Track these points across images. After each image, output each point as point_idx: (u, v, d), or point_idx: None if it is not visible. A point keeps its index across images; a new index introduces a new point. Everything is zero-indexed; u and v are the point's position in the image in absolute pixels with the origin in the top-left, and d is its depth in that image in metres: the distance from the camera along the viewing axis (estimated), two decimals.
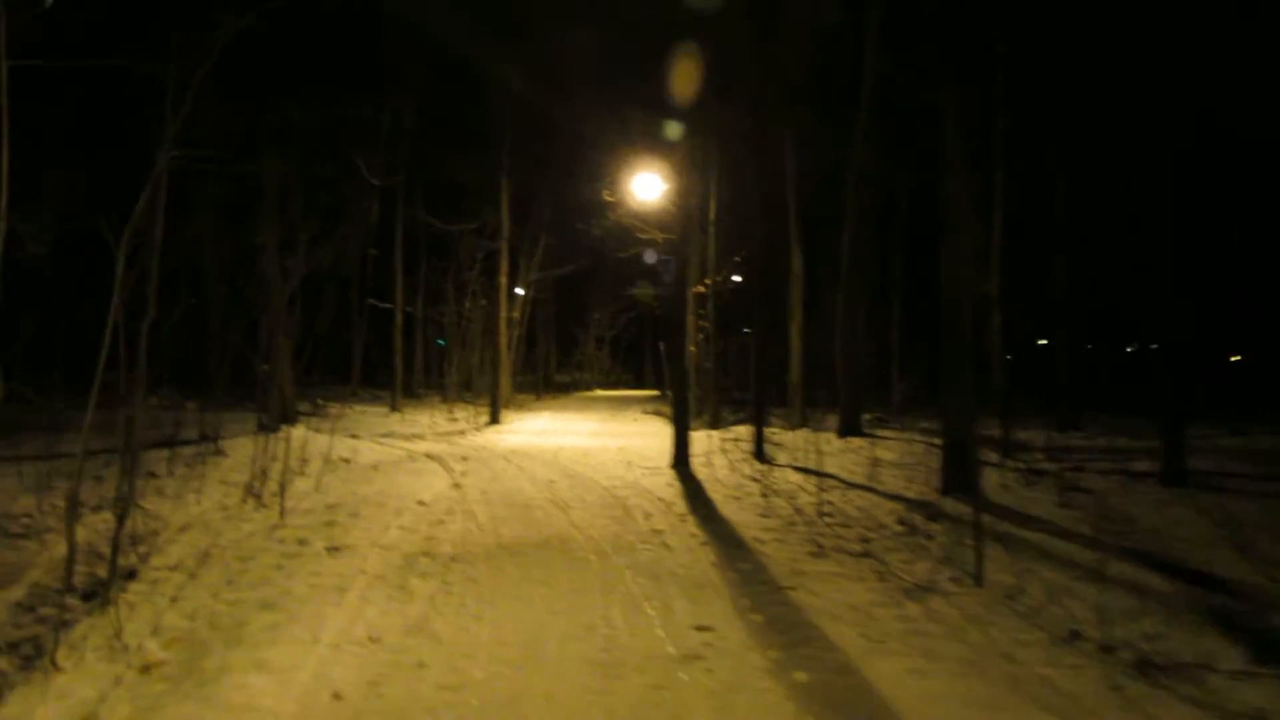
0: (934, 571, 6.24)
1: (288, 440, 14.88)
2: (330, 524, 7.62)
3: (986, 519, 7.86)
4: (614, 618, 4.91)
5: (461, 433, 17.77)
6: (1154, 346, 14.25)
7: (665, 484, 10.02)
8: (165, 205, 6.73)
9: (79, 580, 6.23)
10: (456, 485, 9.94)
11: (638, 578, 5.73)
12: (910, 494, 9.43)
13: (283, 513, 8.00)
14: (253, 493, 9.73)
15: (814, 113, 20.87)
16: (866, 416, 18.07)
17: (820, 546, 6.82)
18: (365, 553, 6.46)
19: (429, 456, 12.88)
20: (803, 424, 23.28)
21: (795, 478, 10.72)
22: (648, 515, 8.01)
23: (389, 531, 7.22)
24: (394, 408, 22.49)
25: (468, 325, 22.70)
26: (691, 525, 7.56)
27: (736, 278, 24.90)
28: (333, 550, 6.58)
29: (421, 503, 8.62)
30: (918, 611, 5.26)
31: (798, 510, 8.50)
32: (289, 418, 16.04)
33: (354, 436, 16.82)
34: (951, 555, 6.77)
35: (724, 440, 15.22)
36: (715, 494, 9.34)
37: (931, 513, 8.31)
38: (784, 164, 21.74)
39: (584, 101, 19.10)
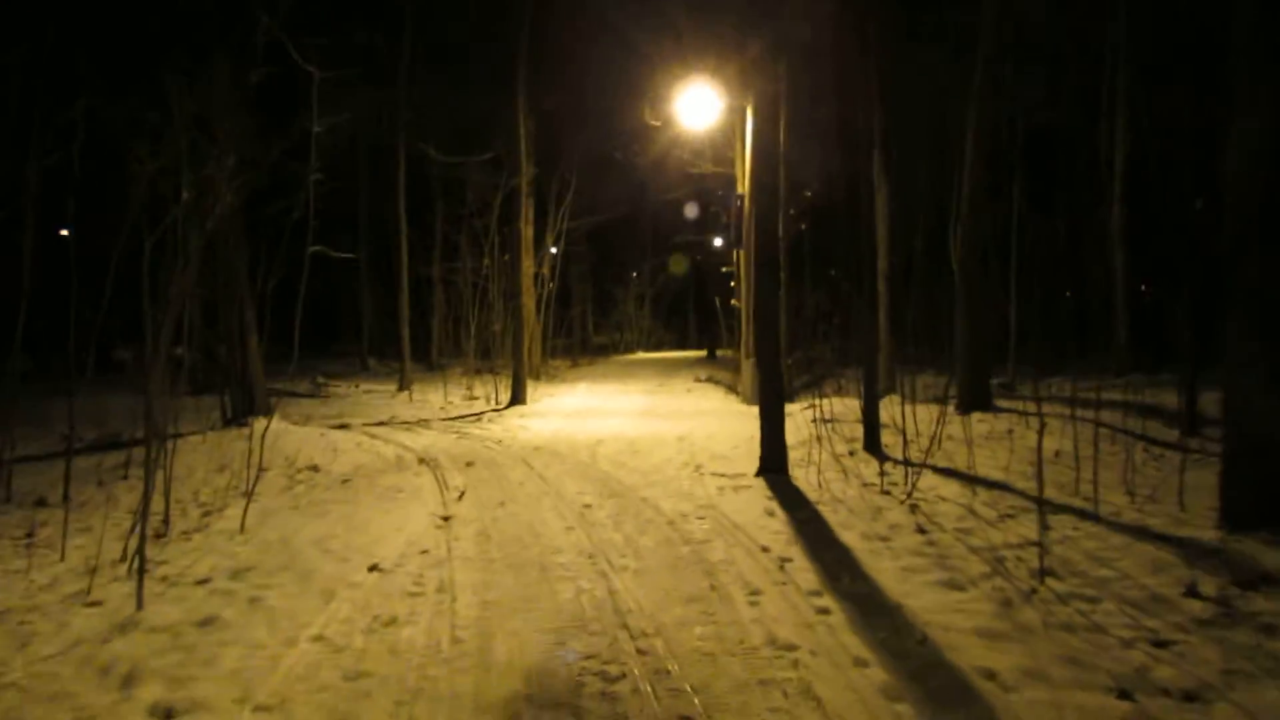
0: None
1: (250, 439, 11.94)
2: (206, 625, 4.50)
3: None
4: None
5: (477, 418, 14.65)
6: None
7: (761, 511, 6.73)
8: None
9: None
10: (444, 519, 6.77)
11: None
12: (1157, 523, 6.04)
13: (141, 600, 4.89)
14: (159, 535, 6.75)
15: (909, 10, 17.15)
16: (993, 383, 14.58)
17: (1120, 690, 3.49)
18: None
19: (423, 461, 9.75)
20: (891, 389, 19.86)
21: (949, 490, 7.38)
22: (753, 594, 4.74)
23: (290, 653, 4.06)
24: (402, 386, 19.46)
25: (485, 284, 19.51)
26: (839, 621, 4.27)
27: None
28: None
29: (377, 567, 5.45)
30: None
31: (997, 568, 5.17)
32: (257, 406, 13.06)
33: (343, 426, 13.82)
34: None
35: (812, 420, 11.90)
36: (847, 533, 6.03)
37: (1237, 571, 4.93)
38: (866, 75, 18.04)
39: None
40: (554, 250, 26.80)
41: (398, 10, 18.04)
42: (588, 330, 43.66)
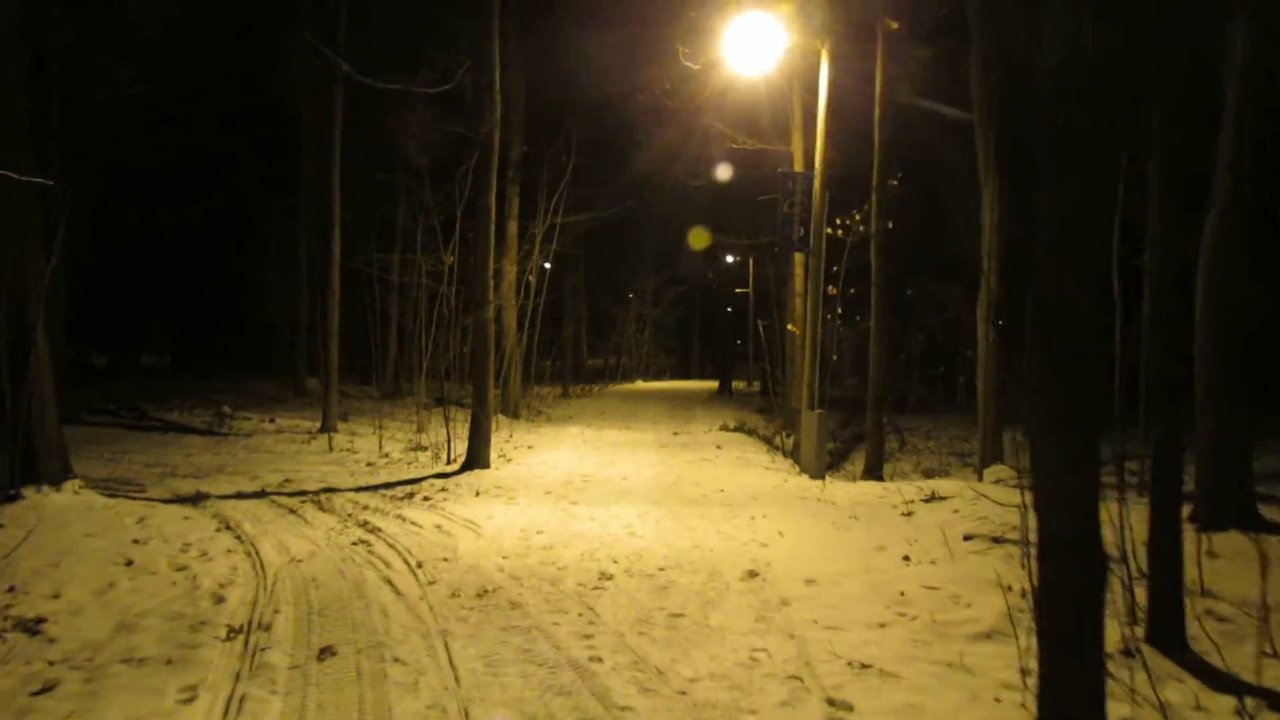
0: None
1: None
2: None
3: None
4: None
5: (410, 491, 9.78)
6: None
7: None
8: None
9: None
10: None
11: None
12: None
13: None
14: None
15: None
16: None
17: None
18: None
19: (238, 633, 4.88)
20: (996, 457, 15.05)
21: None
22: None
23: None
24: (325, 425, 14.54)
25: (441, 289, 14.59)
26: None
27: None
28: None
29: None
30: None
31: None
32: (41, 465, 8.18)
33: (196, 498, 8.94)
34: None
35: (967, 538, 7.10)
36: None
37: None
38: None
39: None
40: (547, 264, 22.02)
41: None
42: (581, 354, 38.82)
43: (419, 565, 6.32)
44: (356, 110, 15.56)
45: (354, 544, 7.11)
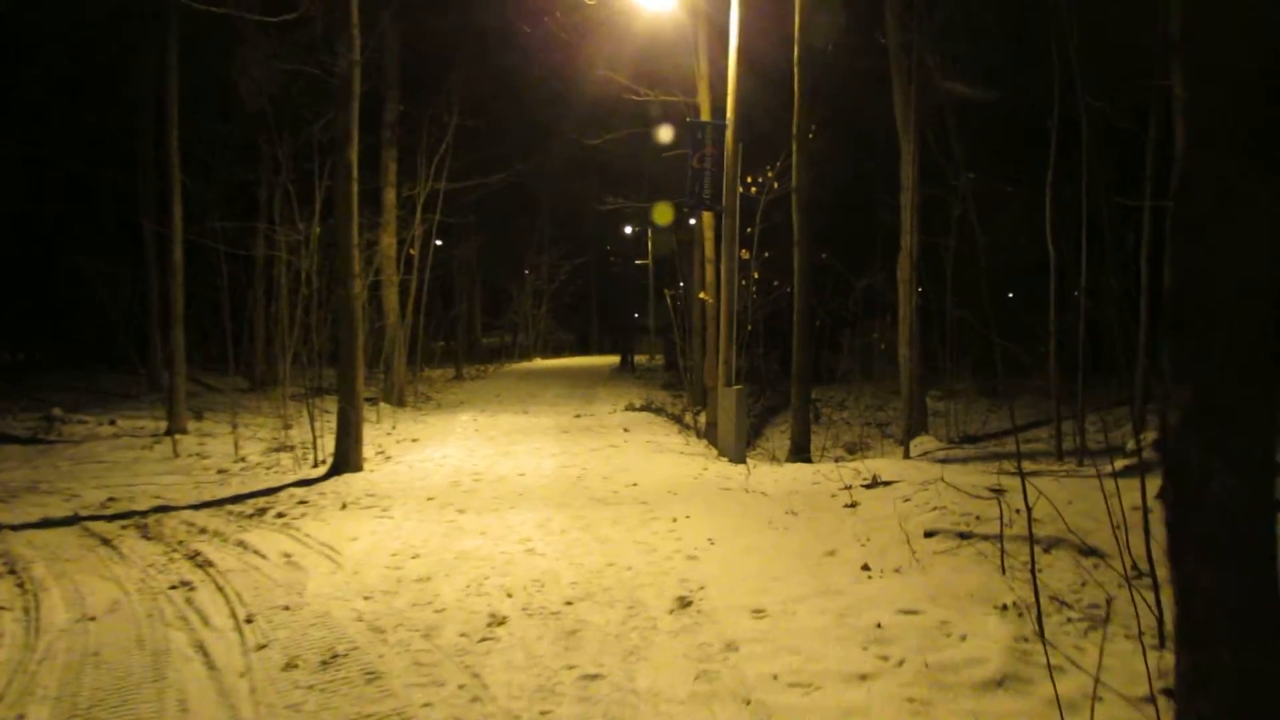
0: None
1: None
2: None
3: None
4: None
5: (263, 506, 8.18)
6: None
7: None
8: None
9: None
10: None
11: None
12: None
13: None
14: None
15: None
16: None
17: None
18: None
19: None
20: (922, 428, 14.39)
21: None
22: None
23: None
24: (172, 427, 12.60)
25: (302, 263, 12.79)
26: None
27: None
28: None
29: None
30: None
31: None
32: None
33: None
34: None
35: (917, 531, 6.07)
36: None
37: None
38: None
39: None
40: (439, 241, 20.23)
41: None
42: (475, 333, 36.97)
43: (249, 619, 4.85)
44: (195, 61, 13.52)
45: (173, 588, 5.57)
